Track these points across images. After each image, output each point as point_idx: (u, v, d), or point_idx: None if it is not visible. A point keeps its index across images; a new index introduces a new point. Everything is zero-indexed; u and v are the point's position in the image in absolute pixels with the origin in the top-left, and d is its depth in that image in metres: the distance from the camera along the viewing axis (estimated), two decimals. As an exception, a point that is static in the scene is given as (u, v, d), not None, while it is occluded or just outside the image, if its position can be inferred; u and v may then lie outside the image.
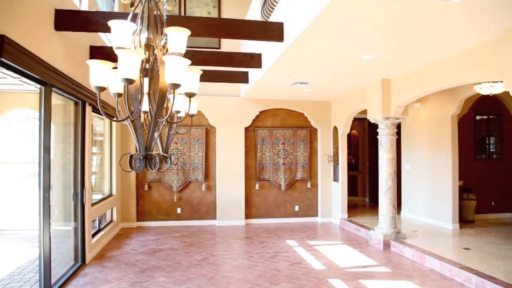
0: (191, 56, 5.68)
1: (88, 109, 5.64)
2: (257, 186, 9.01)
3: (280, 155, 9.16)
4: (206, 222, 8.81)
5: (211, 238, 7.46)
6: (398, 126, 7.15)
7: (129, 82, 1.84)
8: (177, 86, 1.91)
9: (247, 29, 4.85)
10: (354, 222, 8.23)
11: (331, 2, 3.28)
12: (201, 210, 8.83)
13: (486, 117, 8.92)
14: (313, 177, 9.33)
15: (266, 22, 4.93)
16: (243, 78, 7.60)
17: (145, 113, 2.33)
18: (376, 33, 4.17)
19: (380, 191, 6.75)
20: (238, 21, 5.00)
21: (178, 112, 2.47)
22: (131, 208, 8.45)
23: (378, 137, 6.85)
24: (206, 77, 6.69)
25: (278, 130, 9.18)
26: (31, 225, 6.48)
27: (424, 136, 8.31)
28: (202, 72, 2.21)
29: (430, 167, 8.08)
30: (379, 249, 6.59)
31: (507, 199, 8.71)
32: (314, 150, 9.39)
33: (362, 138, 12.26)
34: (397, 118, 6.59)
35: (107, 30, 4.38)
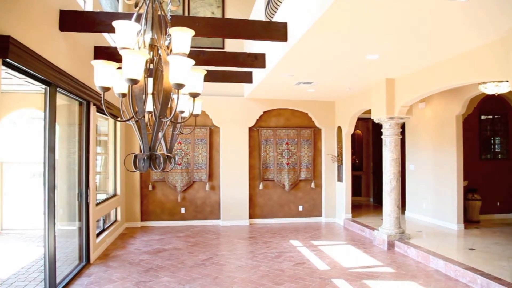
0: (195, 56, 5.69)
1: (92, 109, 5.66)
2: (261, 186, 9.01)
3: (284, 155, 9.15)
4: (210, 222, 8.82)
5: (215, 238, 7.46)
6: (403, 126, 7.11)
7: (133, 82, 1.85)
8: (181, 86, 1.92)
9: (251, 29, 4.85)
10: (358, 222, 8.21)
11: (335, 2, 3.27)
12: (205, 210, 8.84)
13: (491, 117, 8.86)
14: (317, 177, 9.31)
15: (270, 22, 4.93)
16: (247, 78, 7.60)
17: (149, 113, 2.34)
18: (380, 33, 4.16)
19: (384, 191, 6.73)
20: (242, 21, 5.00)
21: (182, 112, 2.47)
22: (135, 208, 8.48)
23: (382, 137, 6.82)
24: (210, 77, 6.72)
25: (282, 130, 9.17)
26: (36, 224, 6.51)
27: (428, 136, 8.27)
28: (206, 72, 2.21)
29: (435, 167, 8.04)
30: (383, 249, 6.57)
31: (513, 200, 8.65)
32: (318, 150, 9.37)
33: (366, 138, 12.23)
34: (401, 118, 6.57)
35: (112, 30, 4.42)
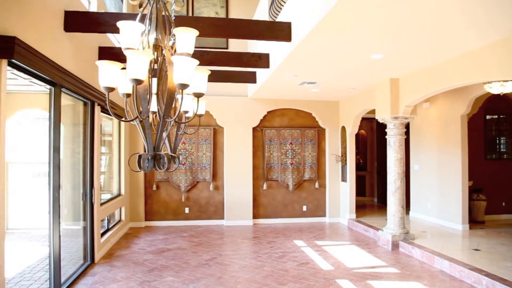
0: (199, 56, 5.69)
1: (97, 109, 5.69)
2: (264, 186, 9.01)
3: (288, 155, 9.14)
4: (214, 222, 8.83)
5: (219, 238, 7.47)
6: (407, 126, 7.08)
7: (137, 82, 1.85)
8: (185, 86, 1.92)
9: (255, 29, 4.85)
10: (362, 223, 8.19)
11: (338, 2, 3.26)
12: (209, 210, 8.85)
13: (496, 116, 8.81)
14: (321, 177, 9.30)
15: (273, 22, 4.93)
16: (251, 78, 7.60)
17: (153, 113, 2.34)
18: (384, 32, 4.14)
19: (388, 191, 6.70)
20: (245, 21, 5.00)
21: (186, 112, 2.47)
22: (140, 207, 8.51)
23: (386, 137, 6.80)
24: (214, 77, 6.71)
25: (286, 130, 9.17)
26: (41, 224, 6.55)
27: (433, 136, 8.23)
28: (210, 72, 2.21)
29: (439, 167, 8.00)
30: (388, 249, 6.54)
31: (518, 200, 8.60)
32: (322, 150, 9.36)
33: (371, 138, 12.20)
34: (405, 118, 6.54)
35: (116, 31, 4.44)
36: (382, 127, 9.38)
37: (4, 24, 3.06)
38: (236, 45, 8.81)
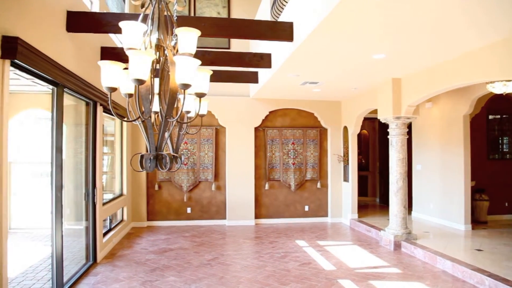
0: (201, 56, 5.70)
1: (99, 109, 5.70)
2: (266, 186, 9.00)
3: (290, 155, 9.14)
4: (215, 222, 8.84)
5: (221, 238, 7.47)
6: (409, 126, 7.07)
7: (139, 82, 1.85)
8: (187, 86, 1.92)
9: (257, 29, 4.84)
10: (364, 223, 8.18)
11: (340, 2, 3.26)
12: (211, 210, 8.86)
13: (499, 116, 8.78)
14: (323, 177, 9.29)
15: (275, 22, 4.92)
16: (253, 78, 7.60)
17: (155, 113, 2.35)
18: (385, 32, 4.14)
19: (390, 192, 6.69)
20: (247, 21, 5.00)
21: (188, 112, 2.47)
22: (142, 207, 8.52)
23: (388, 137, 6.79)
24: (216, 77, 6.73)
25: (287, 130, 9.16)
26: (44, 224, 6.57)
27: (435, 136, 8.21)
28: (212, 72, 2.22)
29: (442, 167, 7.98)
30: (390, 250, 6.53)
31: (521, 200, 8.56)
32: (324, 150, 9.35)
33: (373, 138, 12.18)
34: (408, 117, 6.53)
35: (118, 31, 4.44)
36: (384, 127, 9.37)
37: (6, 24, 3.07)
38: (238, 45, 8.81)
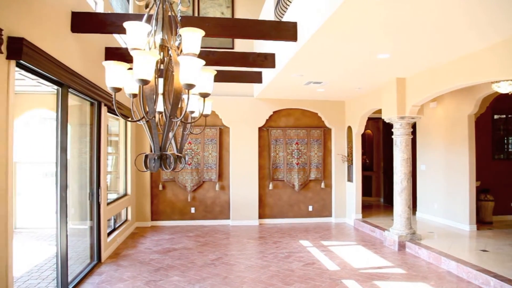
0: (205, 56, 5.71)
1: (103, 109, 5.72)
2: (270, 186, 9.00)
3: (293, 155, 9.13)
4: (219, 222, 8.85)
5: (225, 238, 7.48)
6: (414, 126, 7.04)
7: (144, 82, 1.86)
8: (191, 86, 1.92)
9: (261, 29, 4.84)
10: (368, 223, 8.15)
11: (344, 2, 3.26)
12: (214, 210, 8.87)
13: (504, 116, 8.72)
14: (327, 177, 9.27)
15: (279, 22, 4.92)
16: (257, 78, 7.60)
17: (160, 113, 2.35)
18: (389, 32, 4.12)
19: (395, 192, 6.67)
20: (251, 21, 5.00)
21: (193, 112, 2.48)
22: (146, 207, 8.54)
23: (393, 137, 6.76)
24: (220, 77, 6.71)
25: (291, 130, 9.15)
26: (49, 223, 6.60)
27: (440, 136, 8.17)
28: (216, 72, 2.22)
29: (446, 167, 7.94)
30: (394, 250, 6.51)
31: (527, 200, 8.50)
32: (328, 150, 9.33)
33: (377, 138, 12.14)
34: (412, 117, 6.50)
35: (122, 31, 4.46)
36: (388, 127, 9.34)
37: (12, 25, 3.09)
38: (242, 45, 8.82)
